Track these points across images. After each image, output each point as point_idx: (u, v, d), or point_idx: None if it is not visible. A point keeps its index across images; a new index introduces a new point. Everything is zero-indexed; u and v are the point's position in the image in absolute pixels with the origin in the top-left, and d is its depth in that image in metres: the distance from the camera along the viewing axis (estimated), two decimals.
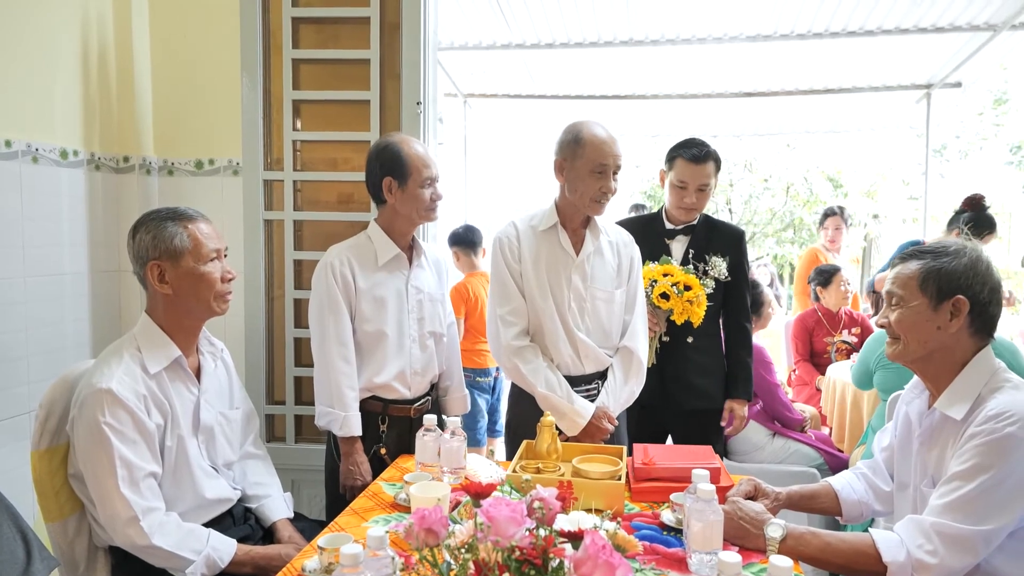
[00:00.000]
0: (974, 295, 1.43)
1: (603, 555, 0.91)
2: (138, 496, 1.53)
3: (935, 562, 1.30)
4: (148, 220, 1.67)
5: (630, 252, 2.21)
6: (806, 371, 4.11)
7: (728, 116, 7.04)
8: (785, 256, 13.43)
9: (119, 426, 1.52)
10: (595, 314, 2.13)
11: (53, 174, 2.32)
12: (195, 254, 1.65)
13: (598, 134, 2.04)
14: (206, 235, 1.69)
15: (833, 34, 4.71)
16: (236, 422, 1.86)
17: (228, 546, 1.63)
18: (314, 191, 2.68)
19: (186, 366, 1.71)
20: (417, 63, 2.52)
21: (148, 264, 1.64)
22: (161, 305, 1.68)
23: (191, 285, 1.66)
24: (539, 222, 2.14)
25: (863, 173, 12.70)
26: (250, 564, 1.64)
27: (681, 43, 4.89)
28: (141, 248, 1.65)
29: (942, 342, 1.46)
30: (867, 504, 1.69)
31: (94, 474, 1.53)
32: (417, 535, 1.05)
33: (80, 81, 2.43)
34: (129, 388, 1.55)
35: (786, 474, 2.94)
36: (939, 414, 1.48)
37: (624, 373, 2.15)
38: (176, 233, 1.64)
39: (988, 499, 1.31)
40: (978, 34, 4.72)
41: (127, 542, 1.54)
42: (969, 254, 1.46)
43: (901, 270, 1.51)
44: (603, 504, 1.55)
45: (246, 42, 2.55)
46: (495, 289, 2.15)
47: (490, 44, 5.04)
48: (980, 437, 1.35)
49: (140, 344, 1.64)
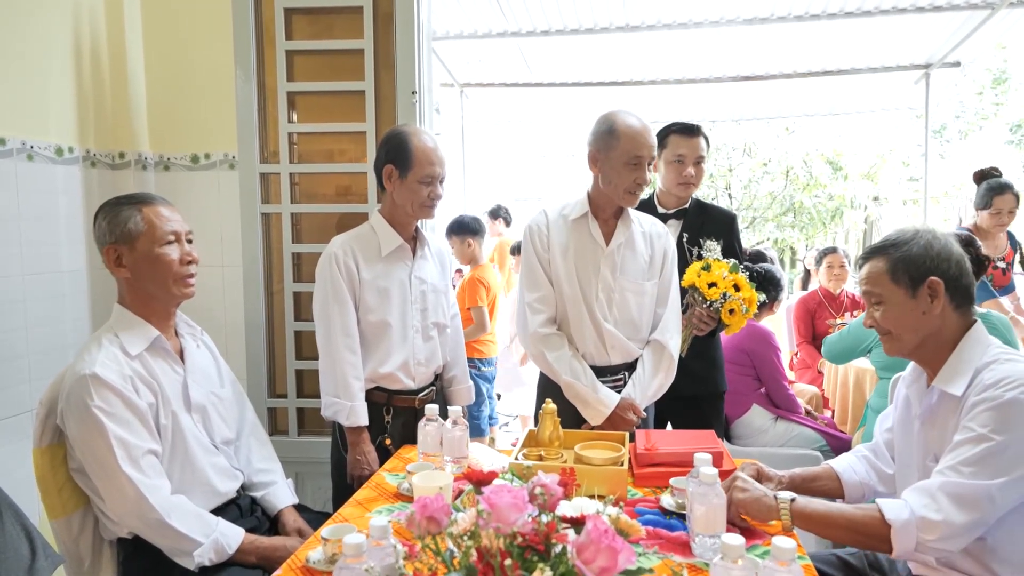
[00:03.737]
0: (944, 272, 1.47)
1: (606, 539, 0.90)
2: (140, 474, 1.53)
3: (939, 518, 1.31)
4: (106, 206, 1.68)
5: (664, 244, 2.19)
6: (808, 353, 4.11)
7: (726, 100, 7.01)
8: (785, 240, 13.40)
9: (109, 408, 1.52)
10: (624, 305, 2.11)
11: (48, 171, 2.31)
12: (150, 236, 1.65)
13: (632, 125, 2.01)
14: (163, 218, 1.68)
15: (830, 15, 4.69)
16: (228, 400, 1.86)
17: (236, 533, 1.64)
18: (311, 183, 2.67)
19: (168, 347, 1.71)
20: (411, 53, 2.50)
21: (105, 248, 1.66)
22: (127, 291, 1.69)
23: (148, 267, 1.66)
24: (570, 211, 2.13)
25: (863, 155, 12.64)
26: (255, 554, 1.65)
27: (677, 28, 4.87)
28: (99, 233, 1.67)
29: (931, 326, 1.48)
30: (869, 486, 1.69)
31: (94, 460, 1.53)
32: (419, 523, 1.05)
33: (74, 78, 2.42)
34: (113, 370, 1.56)
35: (789, 457, 2.94)
36: (938, 392, 1.49)
37: (654, 366, 2.13)
38: (130, 216, 1.64)
39: (993, 459, 1.32)
40: (976, 13, 4.69)
41: (138, 523, 1.53)
42: (923, 236, 1.50)
43: (869, 269, 1.54)
44: (606, 490, 1.55)
45: (239, 35, 2.53)
46: (524, 276, 2.16)
47: (485, 32, 5.02)
48: (982, 405, 1.36)
49: (116, 330, 1.65)
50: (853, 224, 13.73)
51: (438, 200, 2.08)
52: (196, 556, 1.55)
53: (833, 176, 12.96)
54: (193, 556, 1.55)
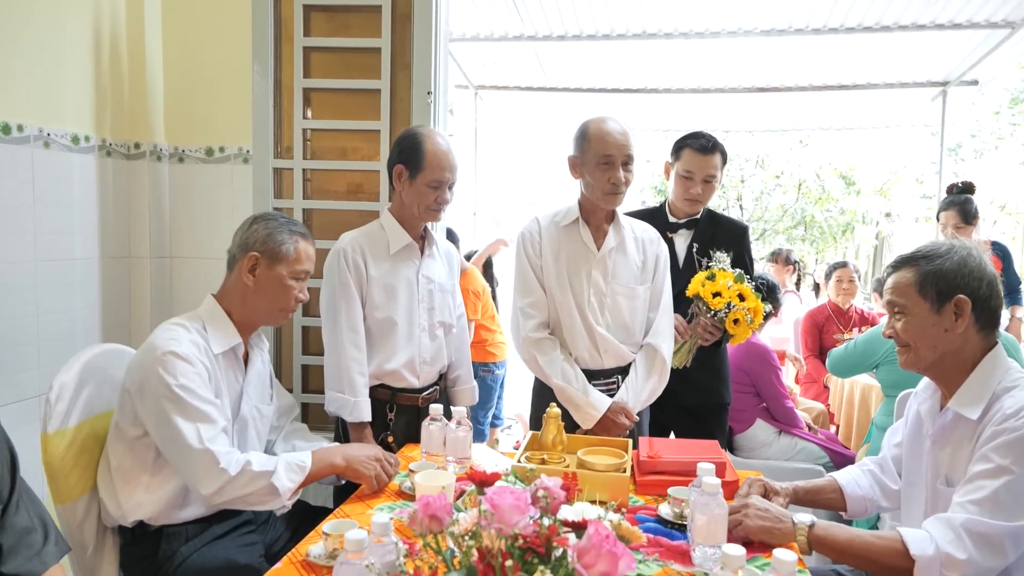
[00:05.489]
0: (973, 291, 1.43)
1: (607, 544, 0.90)
2: (216, 445, 1.54)
3: (964, 557, 1.28)
4: (270, 218, 1.78)
5: (656, 249, 2.21)
6: (815, 367, 4.09)
7: (741, 111, 7.00)
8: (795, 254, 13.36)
9: (190, 384, 1.56)
10: (616, 309, 2.13)
11: (64, 159, 2.33)
12: (289, 266, 1.74)
13: (602, 126, 2.05)
14: (308, 257, 1.78)
15: (849, 29, 4.67)
16: (268, 417, 1.88)
17: (303, 454, 1.67)
18: (324, 180, 2.68)
19: (240, 355, 1.76)
20: (428, 53, 2.51)
21: (248, 253, 1.71)
22: (237, 295, 1.74)
23: (272, 289, 1.73)
24: (562, 217, 2.16)
25: (876, 171, 12.61)
26: (337, 454, 1.72)
27: (694, 37, 4.86)
28: (252, 237, 1.73)
29: (951, 344, 1.45)
30: (872, 500, 1.68)
31: (168, 434, 1.54)
32: (421, 522, 1.05)
33: (92, 67, 2.44)
34: (195, 356, 1.60)
35: (792, 471, 2.92)
36: (952, 413, 1.46)
37: (646, 370, 2.13)
38: (286, 241, 1.74)
39: (1015, 496, 1.29)
40: (996, 31, 4.66)
41: (210, 488, 1.53)
42: (959, 252, 1.46)
43: (897, 278, 1.50)
44: (607, 496, 1.54)
45: (257, 30, 2.54)
46: (517, 282, 2.18)
47: (502, 35, 5.03)
48: (1003, 436, 1.33)
49: (206, 323, 1.70)
50: (864, 239, 13.68)
51: (445, 205, 2.09)
52: (274, 480, 1.55)
53: (845, 191, 12.93)
54: (273, 483, 1.55)
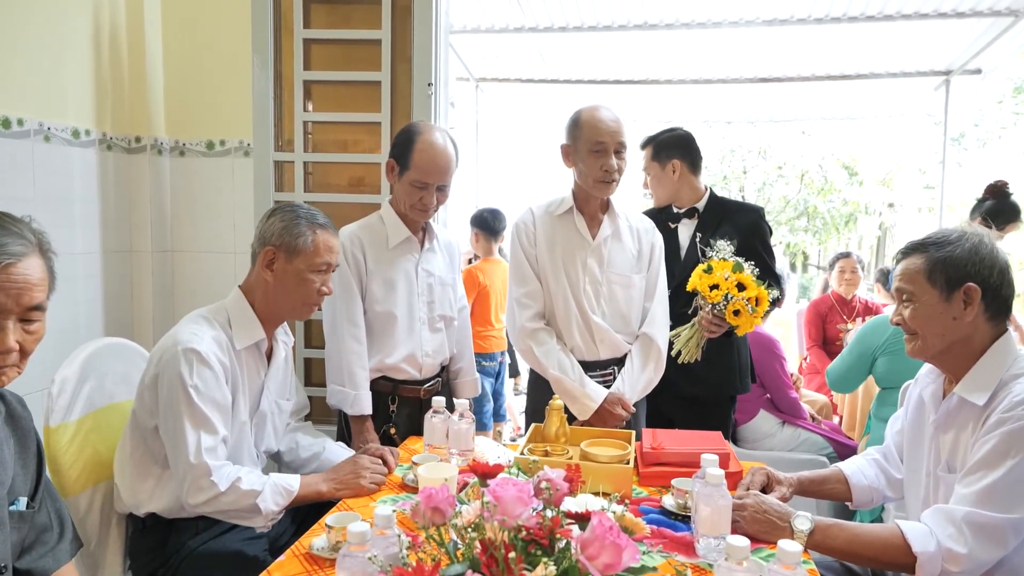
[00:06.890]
0: (983, 280, 1.40)
1: (610, 536, 0.90)
2: (212, 458, 1.54)
3: (964, 552, 1.28)
4: (287, 210, 1.74)
5: (651, 239, 2.20)
6: (818, 358, 4.09)
7: (743, 102, 6.95)
8: (798, 244, 13.34)
9: (203, 387, 1.55)
10: (612, 298, 2.12)
11: (65, 153, 2.32)
12: (308, 259, 1.70)
13: (594, 114, 2.05)
14: (325, 247, 1.73)
15: (851, 18, 4.63)
16: (286, 412, 1.89)
17: (292, 476, 1.65)
18: (325, 173, 2.68)
19: (263, 350, 1.75)
20: (429, 45, 2.50)
21: (266, 247, 1.70)
22: (260, 290, 1.73)
23: (291, 284, 1.71)
24: (555, 207, 2.16)
25: (879, 161, 12.56)
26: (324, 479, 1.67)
27: (696, 27, 4.83)
28: (269, 230, 1.71)
29: (960, 332, 1.42)
30: (878, 490, 1.67)
31: (172, 430, 1.55)
32: (424, 514, 1.05)
33: (92, 61, 2.43)
34: (215, 356, 1.59)
35: (795, 462, 2.92)
36: (957, 399, 1.44)
37: (642, 360, 2.13)
38: (303, 233, 1.70)
39: (1017, 487, 1.29)
40: (999, 20, 4.62)
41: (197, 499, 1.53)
42: (971, 239, 1.43)
43: (907, 265, 1.48)
44: (611, 488, 1.55)
45: (257, 22, 2.54)
46: (513, 272, 2.17)
47: (503, 27, 5.00)
48: (1007, 424, 1.32)
49: (232, 318, 1.69)
50: (867, 230, 13.65)
51: (433, 206, 2.05)
52: (259, 501, 1.54)
53: (848, 181, 12.88)
54: (258, 504, 1.54)
